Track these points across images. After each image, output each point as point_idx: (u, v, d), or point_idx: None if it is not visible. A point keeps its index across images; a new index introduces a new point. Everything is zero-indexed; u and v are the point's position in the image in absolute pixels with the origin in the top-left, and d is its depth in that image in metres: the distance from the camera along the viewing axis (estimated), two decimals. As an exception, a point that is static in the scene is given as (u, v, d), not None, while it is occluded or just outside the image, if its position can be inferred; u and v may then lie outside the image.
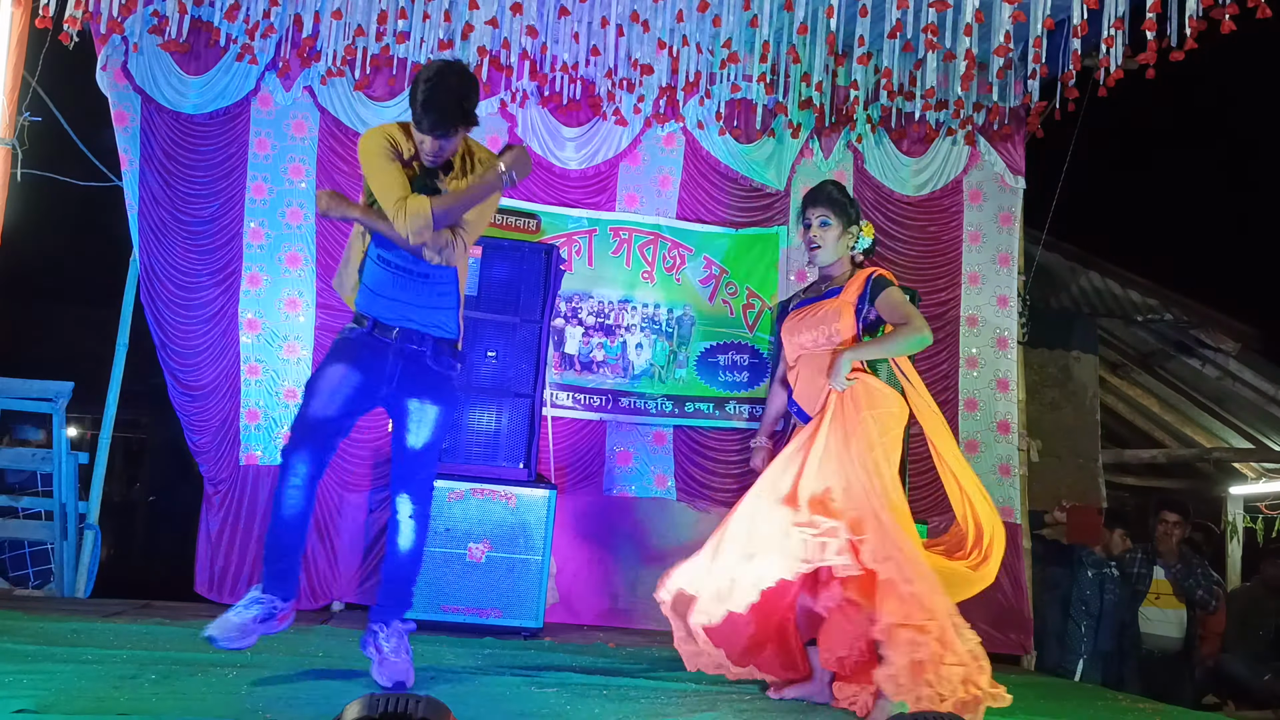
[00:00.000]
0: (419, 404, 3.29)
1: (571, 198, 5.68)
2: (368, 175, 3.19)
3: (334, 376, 3.19)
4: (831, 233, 3.61)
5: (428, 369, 3.28)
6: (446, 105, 3.07)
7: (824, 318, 3.57)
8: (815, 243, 3.62)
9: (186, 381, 5.22)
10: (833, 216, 3.61)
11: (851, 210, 3.66)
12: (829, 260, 3.65)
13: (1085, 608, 5.67)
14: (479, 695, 3.29)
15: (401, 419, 3.32)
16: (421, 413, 3.30)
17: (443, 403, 3.34)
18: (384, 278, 3.24)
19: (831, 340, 3.55)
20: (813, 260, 3.69)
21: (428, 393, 3.30)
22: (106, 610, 4.48)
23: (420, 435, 3.31)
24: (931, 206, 5.98)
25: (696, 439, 5.67)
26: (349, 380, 3.18)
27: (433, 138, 3.12)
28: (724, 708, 3.38)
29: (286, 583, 3.14)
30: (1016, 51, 5.17)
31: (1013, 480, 5.82)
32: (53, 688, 2.88)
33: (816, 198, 3.65)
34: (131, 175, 5.27)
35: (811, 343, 3.59)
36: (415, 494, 3.36)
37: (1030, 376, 6.66)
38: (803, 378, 3.60)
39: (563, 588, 5.40)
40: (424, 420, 3.30)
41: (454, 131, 3.14)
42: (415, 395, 3.29)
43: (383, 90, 5.53)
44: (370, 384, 3.22)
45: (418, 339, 3.25)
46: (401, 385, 3.27)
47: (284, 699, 3.00)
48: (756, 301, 5.77)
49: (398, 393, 3.28)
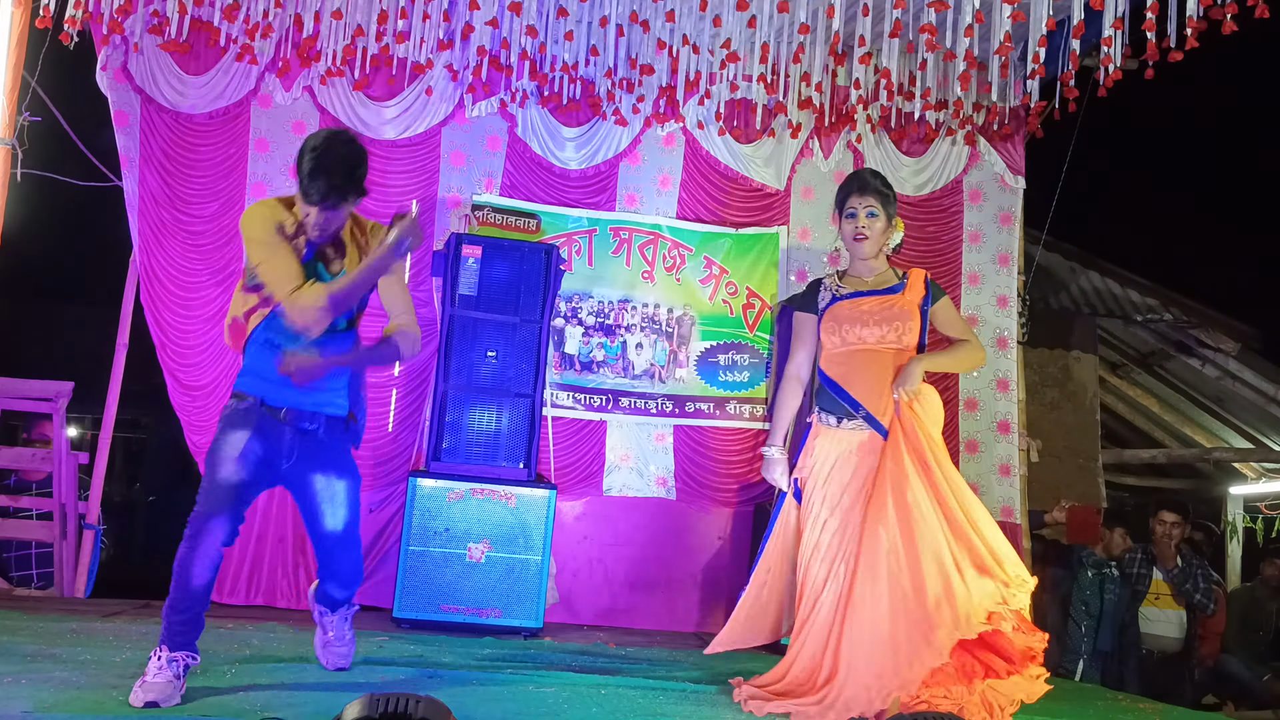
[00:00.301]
0: (325, 479, 3.11)
1: (571, 198, 5.68)
2: (253, 258, 2.97)
3: (237, 443, 2.97)
4: (879, 224, 3.51)
5: (324, 444, 3.10)
6: (336, 173, 2.88)
7: (894, 314, 3.44)
8: (863, 233, 3.50)
9: (186, 381, 5.22)
10: (880, 208, 3.51)
11: (893, 205, 3.57)
12: (871, 253, 3.53)
13: (1085, 608, 5.67)
14: (479, 695, 3.29)
15: (310, 499, 3.12)
16: (330, 490, 3.11)
17: (349, 476, 3.16)
18: (269, 361, 3.00)
19: (901, 339, 3.43)
20: (854, 251, 3.56)
21: (332, 467, 3.11)
22: (106, 610, 4.48)
23: (337, 515, 3.13)
24: (931, 206, 5.98)
25: (696, 439, 5.67)
26: (252, 449, 2.98)
27: (320, 209, 2.92)
28: (723, 707, 3.37)
29: (193, 638, 2.96)
30: (1016, 51, 5.18)
31: (1013, 480, 5.83)
32: (52, 688, 2.88)
33: (864, 186, 3.53)
34: (131, 175, 5.27)
35: (876, 339, 3.44)
36: (344, 581, 3.19)
37: (1030, 376, 6.66)
38: (859, 374, 3.44)
39: (563, 588, 5.41)
40: (335, 498, 3.12)
41: (343, 202, 2.95)
42: (319, 470, 3.10)
43: (383, 90, 5.53)
44: (270, 458, 3.03)
45: (309, 418, 3.06)
46: (303, 460, 3.08)
47: (284, 699, 3.00)
48: (756, 301, 5.77)
49: (300, 468, 3.08)
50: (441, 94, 5.54)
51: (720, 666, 4.30)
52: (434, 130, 5.57)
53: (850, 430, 3.44)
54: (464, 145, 5.61)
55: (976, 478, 5.75)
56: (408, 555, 4.63)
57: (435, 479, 4.72)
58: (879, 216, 3.50)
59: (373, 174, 5.40)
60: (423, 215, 5.51)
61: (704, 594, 5.55)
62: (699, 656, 4.51)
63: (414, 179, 5.54)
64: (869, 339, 3.44)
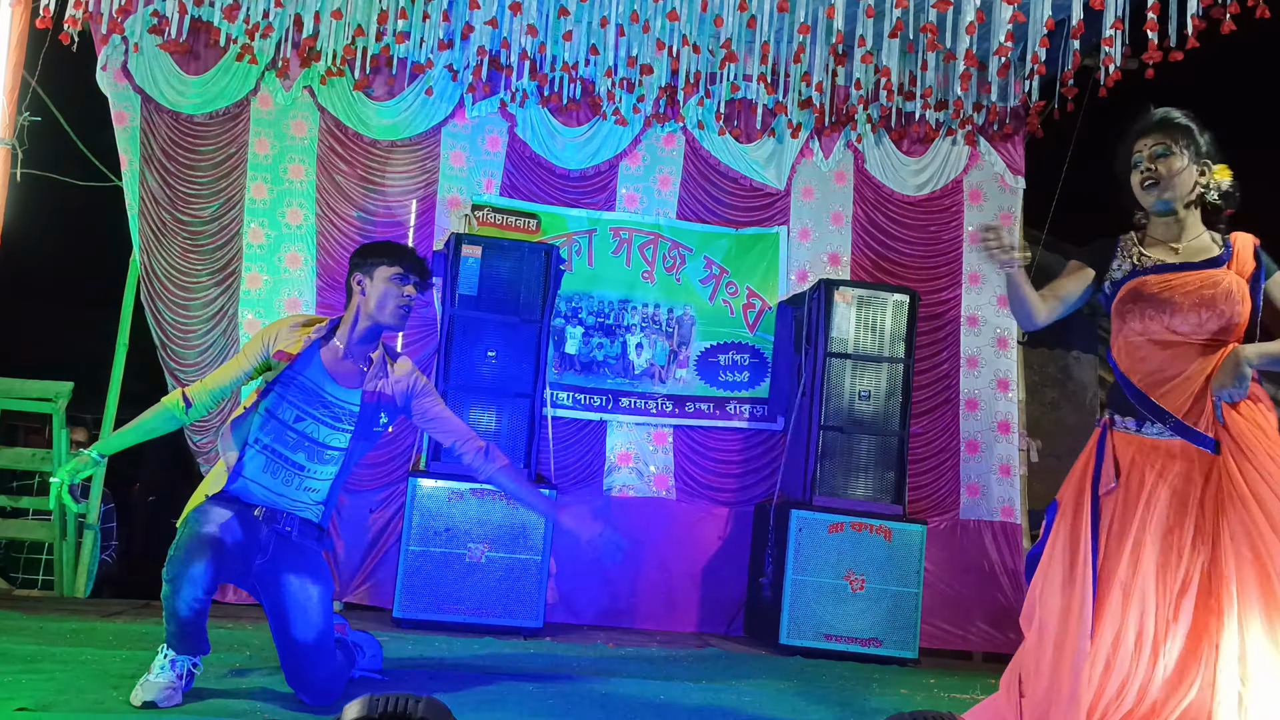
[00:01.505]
0: (299, 581, 2.98)
1: (571, 198, 5.68)
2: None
3: (219, 515, 2.92)
4: (1176, 163, 2.67)
5: (298, 546, 3.03)
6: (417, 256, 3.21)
7: (1217, 297, 2.61)
8: (1151, 177, 2.68)
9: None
10: (1174, 143, 2.67)
11: (1203, 139, 2.71)
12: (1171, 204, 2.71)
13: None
14: (479, 695, 3.29)
15: (281, 601, 2.98)
16: (304, 593, 2.98)
17: (323, 583, 3.03)
18: (259, 464, 3.01)
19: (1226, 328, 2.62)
20: (1147, 205, 2.76)
21: (306, 570, 3.01)
22: (106, 610, 4.48)
23: (311, 625, 2.97)
24: (932, 206, 5.98)
25: (696, 439, 5.67)
26: (232, 528, 2.91)
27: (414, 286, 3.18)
28: (723, 707, 3.37)
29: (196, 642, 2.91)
30: (1016, 51, 5.18)
31: (1013, 480, 5.83)
32: (52, 688, 2.89)
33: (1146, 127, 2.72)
34: (131, 175, 5.27)
35: (1190, 329, 2.63)
36: (317, 694, 2.99)
37: (1030, 376, 6.66)
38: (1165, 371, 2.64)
39: (563, 588, 5.40)
40: (309, 604, 2.98)
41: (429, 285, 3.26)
42: (293, 571, 2.99)
43: (383, 90, 5.53)
44: (246, 547, 2.95)
45: (284, 519, 3.01)
46: (277, 558, 2.99)
47: (284, 699, 3.00)
48: (757, 301, 5.77)
49: (273, 566, 2.99)
50: (441, 94, 5.54)
51: (720, 667, 4.31)
52: (434, 130, 5.57)
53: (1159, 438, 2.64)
54: (464, 145, 5.61)
55: (976, 478, 5.76)
56: (408, 555, 4.64)
57: (435, 479, 4.72)
58: (1174, 154, 2.67)
59: (372, 174, 5.47)
60: (422, 215, 5.52)
61: (704, 594, 5.55)
62: (699, 656, 4.52)
63: (414, 179, 5.54)
64: (1181, 327, 2.64)
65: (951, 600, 5.58)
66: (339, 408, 3.07)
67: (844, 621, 4.89)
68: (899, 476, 5.17)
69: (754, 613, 5.32)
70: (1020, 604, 5.74)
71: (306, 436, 3.04)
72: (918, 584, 4.95)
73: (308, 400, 3.04)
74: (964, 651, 5.67)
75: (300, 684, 3.00)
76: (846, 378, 5.20)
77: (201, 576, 2.82)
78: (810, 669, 4.45)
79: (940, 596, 5.51)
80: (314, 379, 3.05)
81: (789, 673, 4.28)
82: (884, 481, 5.17)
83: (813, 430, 5.14)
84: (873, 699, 3.83)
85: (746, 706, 3.46)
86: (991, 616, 5.61)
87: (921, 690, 4.12)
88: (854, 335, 5.23)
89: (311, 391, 3.04)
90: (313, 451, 3.05)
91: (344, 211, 5.43)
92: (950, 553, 5.63)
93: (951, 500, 5.73)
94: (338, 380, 3.07)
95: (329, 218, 5.42)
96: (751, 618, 5.36)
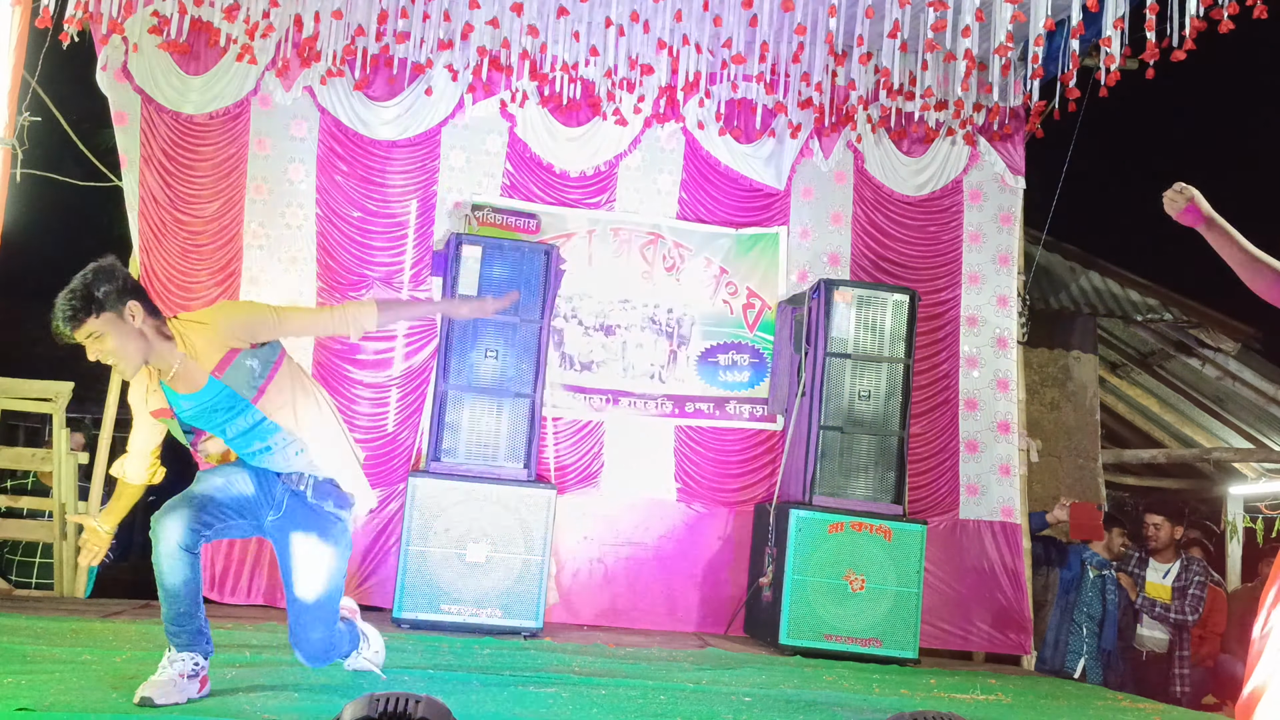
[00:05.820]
0: (306, 539, 3.03)
1: (571, 198, 5.68)
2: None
3: (231, 472, 3.01)
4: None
5: (313, 506, 3.06)
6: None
7: None
8: None
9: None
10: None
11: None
12: None
13: (1086, 609, 5.66)
14: (479, 695, 3.29)
15: (287, 558, 3.04)
16: (309, 552, 3.02)
17: (332, 543, 3.06)
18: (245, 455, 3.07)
19: None
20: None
21: (315, 529, 3.04)
22: (106, 610, 4.48)
23: (313, 584, 3.00)
24: (931, 206, 5.97)
25: (696, 439, 5.67)
26: (240, 481, 3.00)
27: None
28: (723, 707, 3.38)
29: (197, 639, 2.92)
30: (1016, 51, 5.18)
31: (1013, 480, 5.82)
32: (52, 688, 2.89)
33: None
34: (131, 175, 5.27)
35: None
36: (310, 655, 3.06)
37: (1030, 376, 6.66)
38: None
39: (563, 588, 5.41)
40: (315, 564, 3.01)
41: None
42: (303, 529, 3.03)
43: (383, 90, 5.53)
44: (259, 502, 3.03)
45: (297, 478, 3.05)
46: (289, 515, 3.04)
47: (284, 699, 3.00)
48: (756, 301, 5.77)
49: (284, 523, 3.04)
50: (441, 94, 5.53)
51: (720, 667, 4.31)
52: (434, 130, 5.57)
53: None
54: (464, 145, 5.61)
55: (976, 478, 5.76)
56: (408, 555, 4.64)
57: (435, 479, 4.71)
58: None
59: (372, 174, 5.47)
60: (422, 215, 5.52)
61: (704, 594, 5.55)
62: (698, 656, 4.52)
63: (414, 179, 5.54)
64: None
65: (951, 600, 5.58)
66: (218, 405, 2.96)
67: (844, 621, 4.89)
68: (899, 476, 5.17)
69: (754, 613, 5.32)
70: (1020, 604, 5.78)
71: (237, 434, 3.01)
72: (917, 584, 4.96)
73: (204, 422, 3.00)
74: (964, 652, 5.68)
75: (297, 641, 3.06)
76: (846, 378, 5.20)
77: (178, 523, 2.82)
78: (810, 669, 4.45)
79: (940, 596, 5.51)
80: (187, 408, 2.98)
81: (789, 673, 4.28)
82: (884, 481, 5.17)
83: (812, 430, 5.14)
84: (872, 699, 3.84)
85: (746, 707, 3.46)
86: (991, 616, 5.61)
87: (921, 690, 4.12)
88: (854, 335, 5.23)
89: (197, 415, 2.98)
90: (249, 437, 3.01)
91: (344, 211, 5.43)
92: (950, 553, 5.63)
93: (951, 500, 5.73)
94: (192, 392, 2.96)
95: (329, 218, 5.42)
96: (751, 618, 5.36)
